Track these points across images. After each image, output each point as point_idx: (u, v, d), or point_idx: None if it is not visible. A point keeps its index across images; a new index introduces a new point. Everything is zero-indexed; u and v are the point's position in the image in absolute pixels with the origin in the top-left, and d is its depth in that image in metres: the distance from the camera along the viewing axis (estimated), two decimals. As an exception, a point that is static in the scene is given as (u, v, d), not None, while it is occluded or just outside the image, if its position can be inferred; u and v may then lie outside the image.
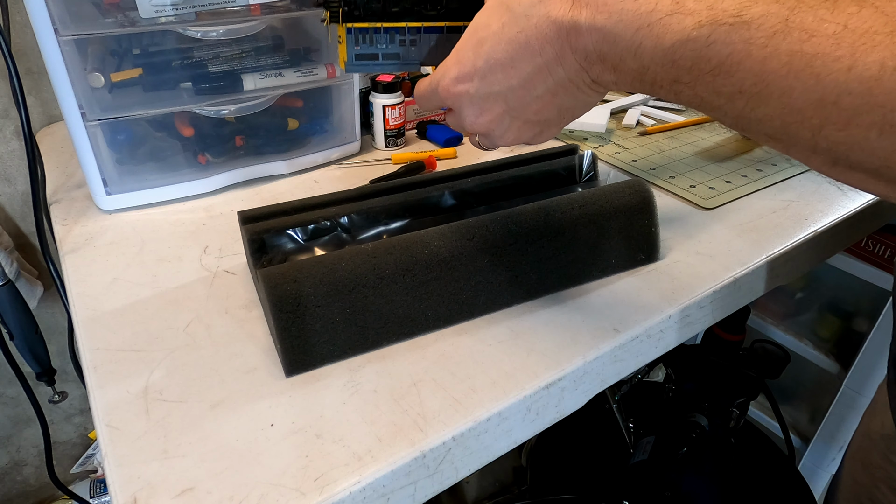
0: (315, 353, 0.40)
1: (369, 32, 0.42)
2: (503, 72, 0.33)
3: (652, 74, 0.28)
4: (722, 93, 0.26)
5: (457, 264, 0.43)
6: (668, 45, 0.26)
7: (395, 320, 0.42)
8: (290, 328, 0.39)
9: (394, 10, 0.41)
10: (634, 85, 0.30)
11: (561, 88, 0.33)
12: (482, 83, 0.34)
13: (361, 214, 0.47)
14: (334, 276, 0.40)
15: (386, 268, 0.41)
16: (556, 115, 0.35)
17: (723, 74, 0.25)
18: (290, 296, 0.39)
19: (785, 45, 0.23)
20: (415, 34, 0.43)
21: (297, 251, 0.45)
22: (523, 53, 0.32)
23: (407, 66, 0.44)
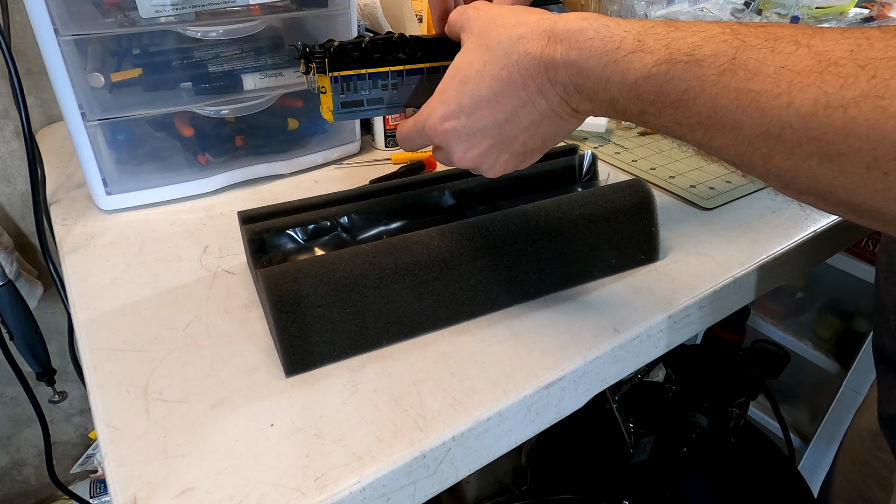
0: (315, 353, 0.40)
1: (353, 80, 0.42)
2: (489, 107, 0.35)
3: (622, 105, 0.31)
4: (683, 124, 0.28)
5: (457, 264, 0.43)
6: (632, 81, 0.29)
7: (395, 320, 0.42)
8: (290, 328, 0.39)
9: (375, 57, 0.42)
10: (609, 113, 0.32)
11: (545, 119, 0.35)
12: (469, 120, 0.35)
13: (361, 214, 0.47)
14: (334, 276, 0.40)
15: (386, 268, 0.41)
16: (540, 143, 0.37)
17: (682, 107, 0.28)
18: (290, 296, 0.39)
19: (733, 82, 0.26)
20: (397, 78, 0.43)
21: (297, 251, 0.45)
22: (508, 89, 0.34)
23: (391, 109, 0.44)
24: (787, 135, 0.24)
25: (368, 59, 0.42)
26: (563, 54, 0.31)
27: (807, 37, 0.24)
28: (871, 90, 0.22)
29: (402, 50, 0.42)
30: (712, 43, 0.27)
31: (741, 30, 0.27)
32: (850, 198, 0.24)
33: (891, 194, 0.23)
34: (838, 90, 0.22)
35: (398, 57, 0.42)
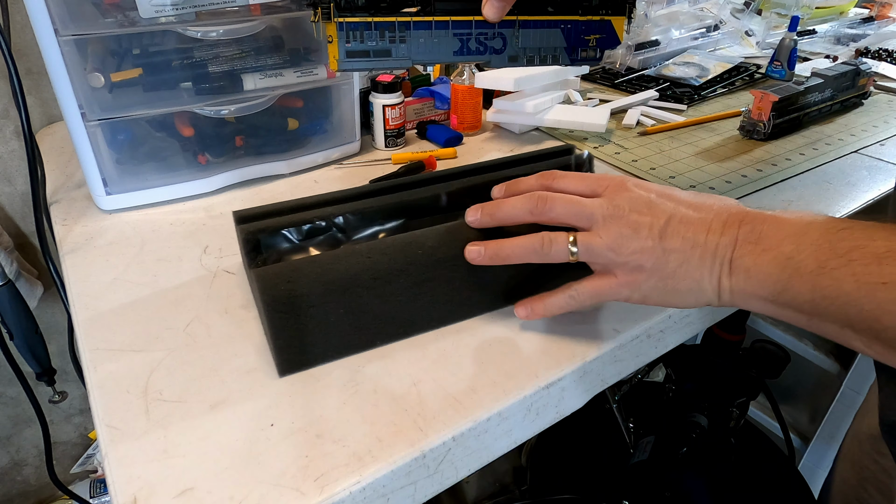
0: (309, 353, 0.40)
1: (359, 29, 0.42)
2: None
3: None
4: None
5: (452, 264, 0.43)
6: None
7: (390, 320, 0.42)
8: (284, 328, 0.39)
9: (382, 5, 0.42)
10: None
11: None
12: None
13: (357, 214, 0.47)
14: (329, 276, 0.40)
15: (380, 268, 0.41)
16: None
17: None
18: (284, 295, 0.39)
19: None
20: (405, 31, 0.43)
21: (291, 251, 0.45)
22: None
23: (398, 62, 0.44)
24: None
25: (376, 8, 0.42)
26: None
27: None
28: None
29: (409, 2, 0.42)
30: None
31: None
32: None
33: None
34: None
35: (407, 6, 0.43)
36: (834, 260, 0.31)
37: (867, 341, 0.31)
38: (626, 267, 0.38)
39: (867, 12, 1.30)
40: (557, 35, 0.47)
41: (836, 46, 1.12)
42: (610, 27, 0.49)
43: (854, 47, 1.09)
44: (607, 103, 0.85)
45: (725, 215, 0.37)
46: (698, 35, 1.07)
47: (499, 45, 0.46)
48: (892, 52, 1.04)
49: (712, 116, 0.82)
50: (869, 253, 0.30)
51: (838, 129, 0.78)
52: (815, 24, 1.24)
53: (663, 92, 0.89)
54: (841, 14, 1.29)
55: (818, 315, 0.32)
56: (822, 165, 0.68)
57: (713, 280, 0.36)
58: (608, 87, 0.94)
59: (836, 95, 0.80)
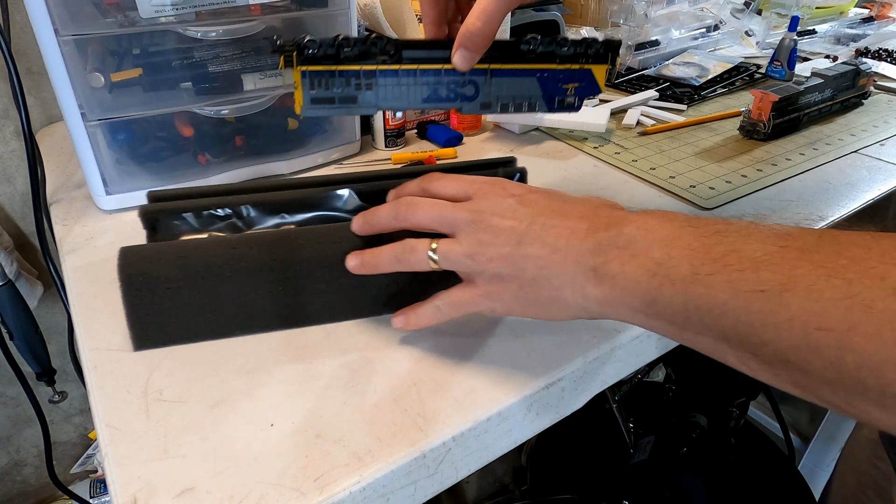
0: (162, 333, 0.41)
1: (324, 76, 0.42)
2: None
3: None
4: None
5: (321, 267, 0.42)
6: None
7: (249, 312, 0.42)
8: (139, 305, 0.40)
9: (347, 55, 0.41)
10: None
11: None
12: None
13: (260, 205, 0.46)
14: (188, 261, 0.40)
15: (243, 260, 0.41)
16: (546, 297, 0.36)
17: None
18: (141, 274, 0.40)
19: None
20: (370, 78, 0.43)
21: (189, 234, 0.45)
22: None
23: (363, 109, 0.44)
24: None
25: (341, 57, 0.41)
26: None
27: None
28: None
29: (377, 50, 0.42)
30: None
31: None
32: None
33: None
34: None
35: (373, 55, 0.42)
36: (707, 265, 0.29)
37: (742, 356, 0.28)
38: (485, 276, 0.36)
39: (867, 12, 1.30)
40: (533, 84, 0.46)
41: (836, 46, 1.13)
42: (590, 76, 0.47)
43: (854, 47, 1.09)
44: (607, 103, 0.85)
45: (593, 218, 0.34)
46: (698, 35, 1.07)
47: (470, 92, 0.45)
48: (892, 52, 1.04)
49: (712, 116, 0.82)
50: (745, 257, 0.28)
51: (838, 129, 0.78)
52: (815, 24, 1.24)
53: (663, 92, 0.89)
54: (841, 14, 1.29)
55: (691, 327, 0.30)
56: (822, 165, 0.68)
57: (576, 289, 0.34)
58: (608, 87, 0.94)
59: (836, 95, 0.80)
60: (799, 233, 0.28)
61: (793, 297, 0.25)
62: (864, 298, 0.23)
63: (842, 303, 0.24)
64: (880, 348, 0.23)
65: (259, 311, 0.42)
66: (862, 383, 0.23)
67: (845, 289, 0.24)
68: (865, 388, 0.23)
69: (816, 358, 0.25)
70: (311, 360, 0.41)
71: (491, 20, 0.40)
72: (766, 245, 0.27)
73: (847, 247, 0.25)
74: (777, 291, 0.26)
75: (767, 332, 0.26)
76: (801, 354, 0.25)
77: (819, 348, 0.24)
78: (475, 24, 0.40)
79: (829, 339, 0.24)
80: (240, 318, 0.42)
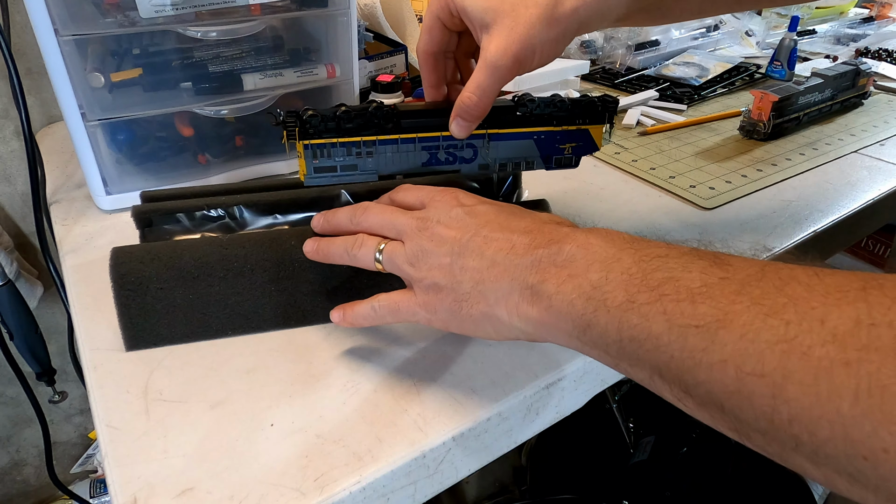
0: (154, 333, 0.41)
1: (326, 147, 0.43)
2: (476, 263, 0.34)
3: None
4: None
5: (313, 266, 0.42)
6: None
7: (241, 313, 0.42)
8: (131, 305, 0.40)
9: (348, 127, 0.43)
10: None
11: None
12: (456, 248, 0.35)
13: (253, 206, 0.47)
14: (180, 261, 0.41)
15: (235, 260, 0.41)
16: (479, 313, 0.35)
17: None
18: (133, 274, 0.40)
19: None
20: (370, 147, 0.44)
21: (182, 235, 0.46)
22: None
23: (364, 175, 0.45)
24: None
25: (341, 129, 0.43)
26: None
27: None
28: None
29: (375, 121, 0.43)
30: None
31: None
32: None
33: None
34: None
35: (374, 125, 0.43)
36: (644, 294, 0.27)
37: (678, 394, 0.26)
38: (423, 284, 0.35)
39: (867, 12, 1.30)
40: (530, 146, 0.46)
41: (836, 46, 1.13)
42: (587, 135, 0.47)
43: (854, 47, 1.09)
44: (607, 103, 0.84)
45: (535, 234, 0.33)
46: (698, 35, 1.07)
47: (469, 155, 0.46)
48: (892, 52, 1.04)
49: (712, 116, 0.82)
50: (683, 287, 0.26)
51: (838, 129, 0.78)
52: (815, 24, 1.24)
53: (663, 92, 0.89)
54: (841, 14, 1.30)
55: (626, 358, 0.28)
56: (822, 165, 0.68)
57: (511, 307, 0.32)
58: (608, 87, 0.94)
59: (836, 95, 0.80)
60: (742, 264, 0.26)
61: (728, 335, 0.23)
62: (801, 343, 0.21)
63: (778, 347, 0.22)
64: (815, 402, 0.21)
65: (252, 311, 0.42)
66: (795, 438, 0.22)
67: (782, 331, 0.22)
68: (798, 444, 0.22)
69: (749, 405, 0.23)
70: (311, 360, 0.41)
71: (486, 94, 0.40)
72: (706, 275, 0.26)
73: (788, 283, 0.23)
74: (713, 328, 0.24)
75: (701, 373, 0.24)
76: (734, 400, 0.23)
77: (752, 396, 0.22)
78: (471, 98, 0.41)
79: (763, 387, 0.22)
80: (233, 319, 0.42)
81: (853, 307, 0.21)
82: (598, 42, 1.00)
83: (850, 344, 0.20)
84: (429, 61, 0.45)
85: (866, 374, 0.20)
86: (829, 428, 0.20)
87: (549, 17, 0.38)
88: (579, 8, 0.39)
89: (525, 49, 0.39)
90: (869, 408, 0.19)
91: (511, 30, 0.38)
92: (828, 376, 0.20)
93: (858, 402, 0.20)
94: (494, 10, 0.39)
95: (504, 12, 0.39)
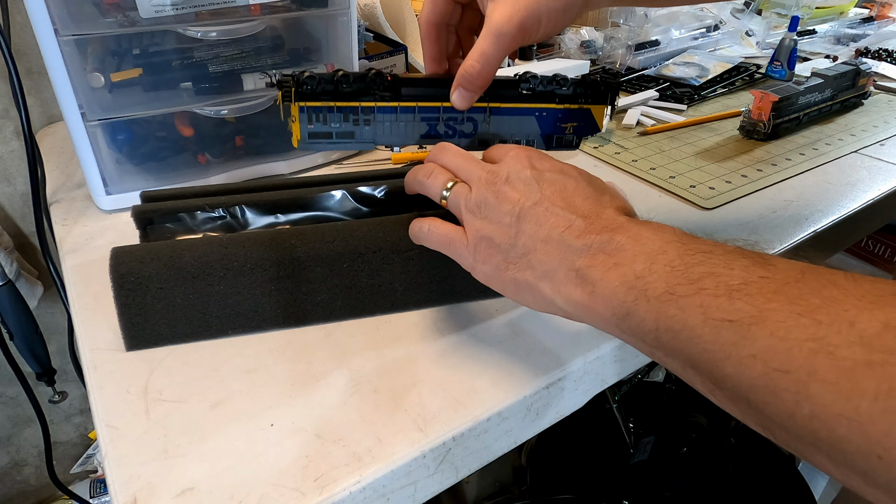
0: (155, 333, 0.41)
1: (322, 112, 0.42)
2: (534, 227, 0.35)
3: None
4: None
5: (311, 265, 0.42)
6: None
7: (241, 312, 0.42)
8: (131, 305, 0.40)
9: (346, 91, 0.42)
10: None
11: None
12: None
13: (254, 205, 0.47)
14: (180, 260, 0.40)
15: (234, 259, 0.41)
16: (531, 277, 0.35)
17: None
18: (132, 274, 0.40)
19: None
20: (368, 114, 0.43)
21: (184, 234, 0.46)
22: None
23: (361, 144, 0.44)
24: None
25: (339, 93, 0.42)
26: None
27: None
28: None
29: (376, 87, 0.42)
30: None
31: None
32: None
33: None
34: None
35: (372, 91, 0.42)
36: (684, 286, 0.27)
37: (709, 386, 0.27)
38: (478, 234, 0.36)
39: (867, 12, 1.30)
40: (531, 122, 0.46)
41: (836, 46, 1.13)
42: (589, 115, 0.47)
43: (854, 47, 1.09)
44: (607, 103, 0.84)
45: (593, 219, 0.33)
46: (698, 35, 1.07)
47: (469, 129, 0.45)
48: (892, 52, 1.04)
49: (712, 116, 0.82)
50: (723, 283, 0.26)
51: (838, 129, 0.78)
52: (815, 24, 1.24)
53: (663, 92, 0.89)
54: (841, 14, 1.29)
55: (662, 348, 0.29)
56: (822, 165, 0.68)
57: (555, 285, 0.33)
58: (608, 87, 0.94)
59: (836, 95, 0.80)
60: (784, 265, 0.26)
61: (760, 331, 0.24)
62: (829, 343, 0.22)
63: (806, 345, 0.22)
64: (836, 400, 0.21)
65: (252, 311, 0.42)
66: (814, 434, 0.22)
67: (813, 330, 0.23)
68: (817, 440, 0.22)
69: (774, 401, 0.23)
70: (311, 360, 0.41)
71: (489, 62, 0.40)
72: (747, 273, 0.26)
73: (826, 286, 0.24)
74: (746, 323, 0.25)
75: (730, 366, 0.25)
76: (759, 395, 0.24)
77: (777, 391, 0.23)
78: (474, 66, 0.40)
79: (788, 383, 0.23)
80: (233, 318, 0.42)
81: (883, 311, 0.22)
82: (598, 42, 1.00)
83: (877, 346, 0.21)
84: (431, 32, 0.44)
85: (888, 375, 0.20)
86: (846, 425, 0.21)
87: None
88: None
89: (531, 17, 0.38)
90: (887, 408, 0.20)
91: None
92: (850, 375, 0.21)
93: (878, 401, 0.20)
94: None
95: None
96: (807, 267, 0.26)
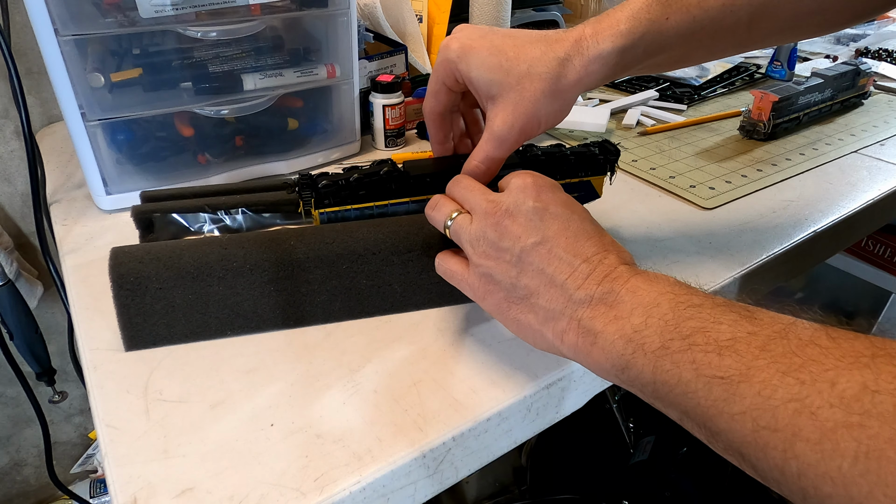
0: (155, 333, 0.41)
1: (340, 213, 0.46)
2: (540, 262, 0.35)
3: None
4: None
5: (311, 266, 0.42)
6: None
7: (240, 313, 0.42)
8: (130, 305, 0.40)
9: (361, 194, 0.45)
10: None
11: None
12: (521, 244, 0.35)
13: (251, 206, 0.47)
14: (179, 261, 0.41)
15: (234, 260, 0.41)
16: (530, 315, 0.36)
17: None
18: (132, 274, 0.40)
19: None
20: (383, 209, 0.46)
21: (185, 235, 0.46)
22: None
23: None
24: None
25: (354, 196, 0.45)
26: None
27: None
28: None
29: (388, 185, 0.45)
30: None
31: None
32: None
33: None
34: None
35: (386, 189, 0.45)
36: (677, 341, 0.28)
37: (708, 437, 0.28)
38: (479, 270, 0.36)
39: (867, 12, 1.30)
40: None
41: (836, 46, 1.13)
42: (589, 186, 0.49)
43: (854, 47, 1.09)
44: (607, 103, 0.85)
45: (596, 264, 0.33)
46: (698, 35, 1.06)
47: None
48: (892, 52, 1.04)
49: (712, 116, 0.82)
50: (712, 339, 0.27)
51: (838, 129, 0.78)
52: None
53: (663, 92, 0.89)
54: (841, 14, 1.29)
55: (660, 399, 0.29)
56: (822, 165, 0.68)
57: (557, 331, 0.34)
58: (608, 87, 0.94)
59: (836, 95, 0.80)
60: (769, 320, 0.27)
61: (748, 389, 0.25)
62: (812, 403, 0.23)
63: (790, 405, 0.23)
64: (820, 459, 0.22)
65: (252, 311, 0.42)
66: (803, 491, 0.23)
67: (796, 390, 0.23)
68: (806, 497, 0.23)
69: (763, 457, 0.24)
70: (311, 360, 0.41)
71: (493, 163, 0.42)
72: (734, 328, 0.27)
73: (808, 344, 0.25)
74: (735, 381, 0.25)
75: (722, 422, 0.26)
76: (750, 450, 0.25)
77: (766, 448, 0.24)
78: (479, 167, 0.42)
79: (776, 441, 0.23)
80: (232, 319, 0.42)
81: (861, 373, 0.22)
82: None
83: (855, 408, 0.22)
84: (436, 121, 0.46)
85: (866, 437, 0.21)
86: (831, 485, 0.22)
87: (553, 91, 0.40)
88: (582, 79, 0.40)
89: (530, 123, 0.40)
90: (867, 469, 0.21)
91: (516, 105, 0.40)
92: (831, 436, 0.22)
93: (857, 463, 0.21)
94: (500, 84, 0.40)
95: (509, 86, 0.40)
96: (791, 322, 0.27)
